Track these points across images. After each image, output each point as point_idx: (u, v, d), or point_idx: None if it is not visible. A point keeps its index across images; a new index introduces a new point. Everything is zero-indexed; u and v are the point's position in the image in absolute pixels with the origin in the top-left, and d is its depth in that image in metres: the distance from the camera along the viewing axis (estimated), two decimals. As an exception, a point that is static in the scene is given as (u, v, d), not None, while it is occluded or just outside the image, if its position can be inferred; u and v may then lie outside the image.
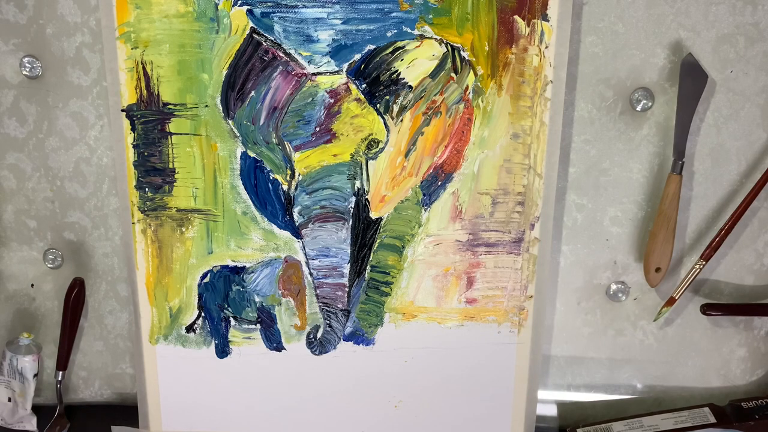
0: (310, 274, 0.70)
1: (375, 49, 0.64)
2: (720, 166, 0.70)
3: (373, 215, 0.68)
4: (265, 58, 0.64)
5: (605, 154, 0.70)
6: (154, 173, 0.67)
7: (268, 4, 0.62)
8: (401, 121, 0.66)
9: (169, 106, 0.65)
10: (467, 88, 0.65)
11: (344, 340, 0.72)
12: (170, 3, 0.63)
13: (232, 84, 0.65)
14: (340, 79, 0.64)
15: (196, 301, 0.71)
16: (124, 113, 0.66)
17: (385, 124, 0.66)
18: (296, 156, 0.67)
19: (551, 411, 0.78)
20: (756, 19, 0.66)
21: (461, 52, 0.64)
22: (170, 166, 0.67)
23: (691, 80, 0.66)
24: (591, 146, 0.70)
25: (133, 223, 0.69)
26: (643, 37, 0.66)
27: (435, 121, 0.66)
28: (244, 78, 0.64)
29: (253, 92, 0.65)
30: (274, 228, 0.69)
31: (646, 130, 0.69)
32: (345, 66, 0.64)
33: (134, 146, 0.67)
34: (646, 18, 0.66)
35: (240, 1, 0.63)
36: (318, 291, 0.70)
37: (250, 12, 0.63)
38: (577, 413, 0.79)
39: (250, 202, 0.68)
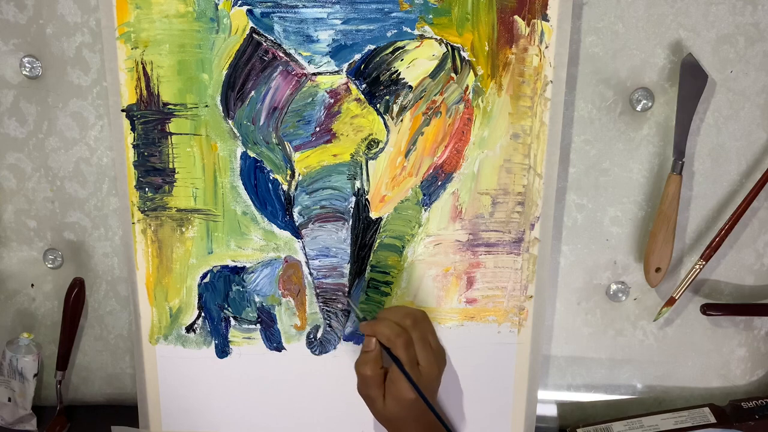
0: (310, 274, 0.70)
1: (375, 49, 0.64)
2: (720, 166, 0.70)
3: (373, 215, 0.68)
4: (265, 58, 0.64)
5: (605, 154, 0.70)
6: (154, 173, 0.67)
7: (268, 4, 0.62)
8: (401, 121, 0.66)
9: (169, 106, 0.65)
10: (467, 88, 0.65)
11: (344, 340, 0.72)
12: (170, 3, 0.63)
13: (232, 84, 0.65)
14: (340, 79, 0.64)
15: (196, 301, 0.71)
16: (124, 113, 0.66)
17: (385, 124, 0.66)
18: (296, 156, 0.67)
19: (551, 411, 0.78)
20: (756, 19, 0.66)
21: (461, 52, 0.64)
22: (170, 166, 0.67)
23: (691, 80, 0.66)
24: (591, 146, 0.70)
25: (133, 223, 0.69)
26: (643, 37, 0.66)
27: (435, 121, 0.66)
28: (244, 78, 0.64)
29: (253, 92, 0.65)
30: (274, 228, 0.69)
31: (646, 130, 0.69)
32: (345, 66, 0.64)
33: (134, 146, 0.67)
34: (646, 18, 0.66)
35: (240, 1, 0.63)
36: (318, 291, 0.70)
37: (250, 12, 0.63)
38: (577, 413, 0.79)
39: (250, 202, 0.68)
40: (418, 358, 0.62)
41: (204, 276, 0.70)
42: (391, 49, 0.64)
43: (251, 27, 0.63)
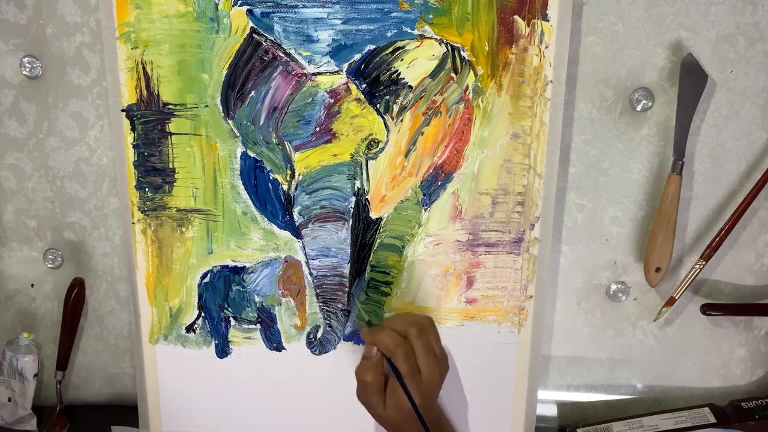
0: (310, 274, 0.70)
1: (375, 49, 0.64)
2: (720, 166, 0.70)
3: (373, 215, 0.68)
4: (265, 58, 0.64)
5: (605, 154, 0.70)
6: (154, 173, 0.67)
7: (268, 4, 0.62)
8: (401, 121, 0.66)
9: (169, 106, 0.65)
10: (467, 88, 0.65)
11: (344, 340, 0.72)
12: (170, 3, 0.63)
13: (232, 84, 0.65)
14: (340, 79, 0.64)
15: (196, 301, 0.71)
16: (124, 113, 0.66)
17: (385, 124, 0.66)
18: (296, 156, 0.67)
19: (551, 411, 0.78)
20: (756, 19, 0.66)
21: (461, 52, 0.64)
22: (170, 166, 0.67)
23: (691, 80, 0.66)
24: (591, 146, 0.70)
25: (133, 223, 0.69)
26: (643, 37, 0.66)
27: (435, 121, 0.66)
28: (244, 78, 0.64)
29: (253, 92, 0.65)
30: (274, 228, 0.69)
31: (646, 130, 0.69)
32: (345, 66, 0.64)
33: (134, 146, 0.67)
34: (646, 18, 0.66)
35: (240, 1, 0.63)
36: (318, 291, 0.70)
37: (250, 12, 0.63)
38: (577, 413, 0.79)
39: (250, 202, 0.68)
40: (421, 366, 0.62)
41: (204, 276, 0.70)
42: (391, 49, 0.64)
43: (251, 27, 0.63)
